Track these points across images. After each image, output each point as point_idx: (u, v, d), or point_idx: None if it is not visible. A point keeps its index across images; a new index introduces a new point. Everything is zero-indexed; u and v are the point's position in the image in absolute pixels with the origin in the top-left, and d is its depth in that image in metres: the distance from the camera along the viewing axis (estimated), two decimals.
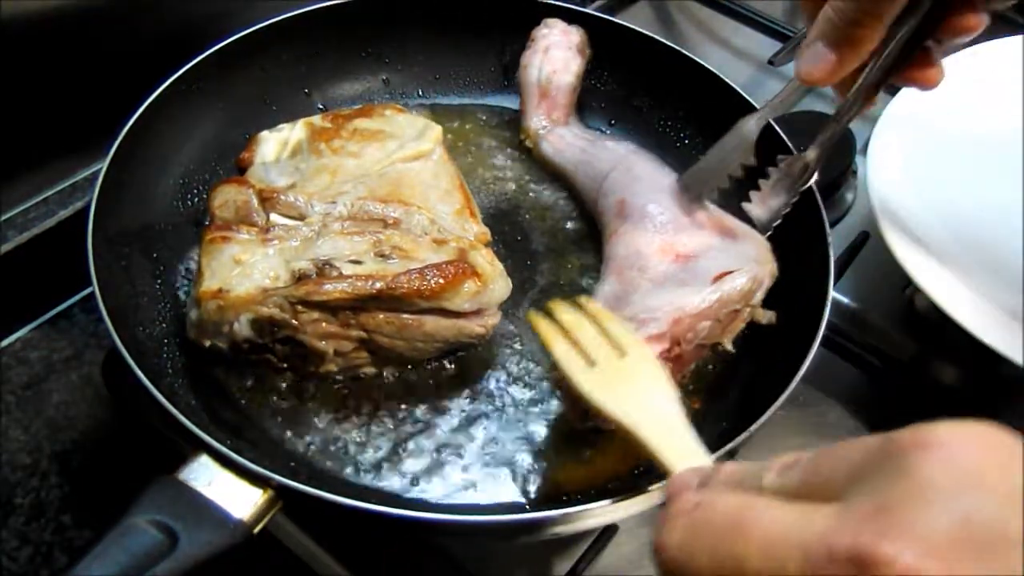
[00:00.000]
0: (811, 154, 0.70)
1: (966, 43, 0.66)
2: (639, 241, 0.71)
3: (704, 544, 0.36)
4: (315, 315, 0.64)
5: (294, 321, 0.63)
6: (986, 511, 0.31)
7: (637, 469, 0.64)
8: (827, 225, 0.71)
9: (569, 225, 0.80)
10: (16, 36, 0.73)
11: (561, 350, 0.58)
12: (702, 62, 0.83)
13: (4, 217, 0.79)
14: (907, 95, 0.88)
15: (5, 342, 0.79)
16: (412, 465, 0.64)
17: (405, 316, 0.65)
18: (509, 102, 0.90)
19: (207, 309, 0.63)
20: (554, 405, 0.67)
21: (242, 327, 0.63)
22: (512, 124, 0.88)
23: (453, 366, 0.69)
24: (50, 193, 0.82)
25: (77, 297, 0.82)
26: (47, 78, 0.77)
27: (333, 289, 0.63)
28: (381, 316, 0.65)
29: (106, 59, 0.81)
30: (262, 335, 0.64)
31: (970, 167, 0.86)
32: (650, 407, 0.54)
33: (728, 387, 0.69)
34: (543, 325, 0.59)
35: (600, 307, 0.62)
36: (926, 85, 0.66)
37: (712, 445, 0.57)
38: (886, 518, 0.31)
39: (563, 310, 0.61)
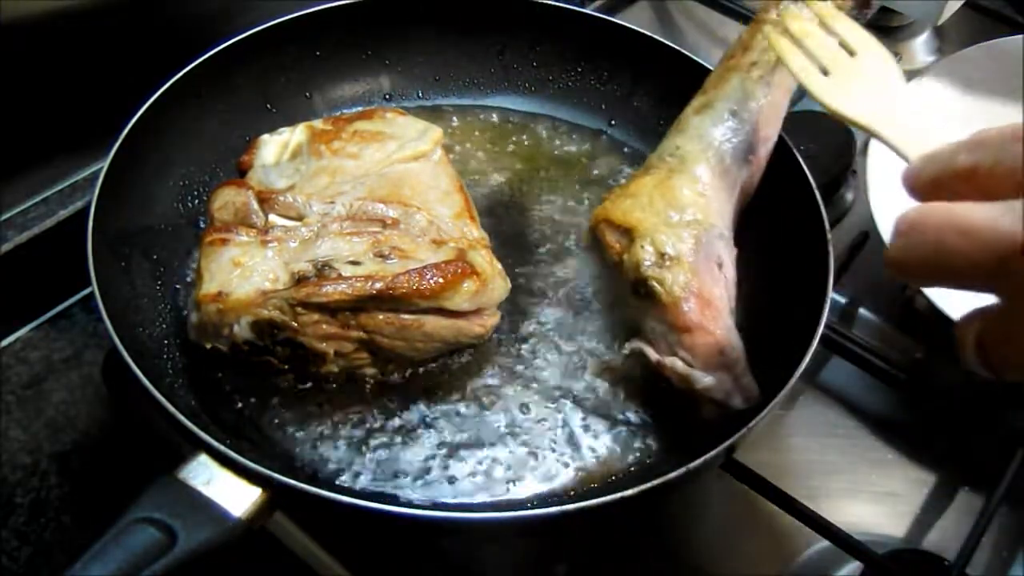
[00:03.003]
0: None
1: None
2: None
3: (918, 255, 0.42)
4: (315, 317, 0.64)
5: (294, 323, 0.63)
6: None
7: (635, 468, 0.64)
8: (827, 225, 0.70)
9: (568, 226, 0.80)
10: (17, 36, 0.73)
11: (797, 64, 0.61)
12: (702, 62, 0.83)
13: (4, 217, 0.79)
14: None
15: (5, 342, 0.79)
16: (411, 464, 0.64)
17: (405, 316, 0.65)
18: (509, 103, 0.90)
19: (207, 312, 0.63)
20: (550, 405, 0.67)
21: (242, 329, 0.63)
22: (511, 125, 0.88)
23: (452, 366, 0.69)
24: (50, 193, 0.82)
25: (77, 297, 0.82)
26: (47, 78, 0.78)
27: (333, 291, 0.63)
28: (381, 317, 0.65)
29: (107, 59, 0.81)
30: (262, 337, 0.64)
31: None
32: (882, 106, 0.56)
33: None
34: (780, 42, 0.62)
35: (827, 6, 0.64)
36: None
37: (711, 443, 0.58)
38: None
39: (791, 17, 0.63)
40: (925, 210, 0.42)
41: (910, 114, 0.56)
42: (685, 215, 0.68)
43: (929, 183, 0.45)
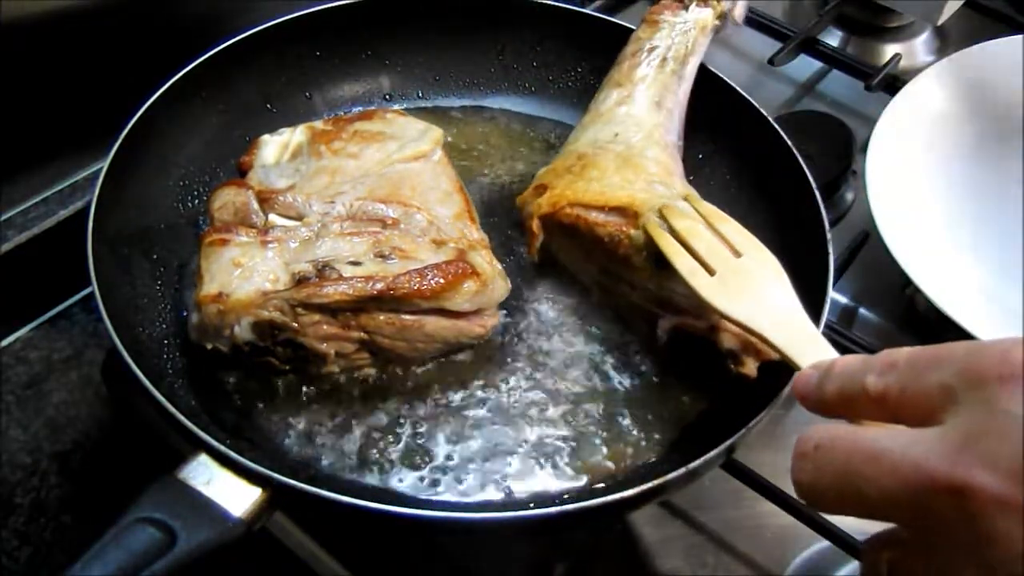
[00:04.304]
0: None
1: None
2: None
3: (828, 483, 0.41)
4: (316, 317, 0.64)
5: (294, 324, 0.63)
6: None
7: (635, 468, 0.64)
8: (827, 225, 0.71)
9: None
10: (17, 36, 0.73)
11: (684, 265, 0.60)
12: (702, 62, 0.83)
13: (4, 217, 0.79)
14: (907, 95, 0.88)
15: (5, 342, 0.79)
16: (411, 464, 0.64)
17: (405, 317, 0.65)
18: (510, 103, 0.90)
19: (207, 313, 0.63)
20: (550, 404, 0.67)
21: (243, 330, 0.63)
22: (511, 125, 0.88)
23: (453, 366, 0.69)
24: (50, 193, 0.82)
25: (77, 297, 0.82)
26: (48, 78, 0.78)
27: (333, 291, 0.63)
28: (381, 317, 0.65)
29: (107, 59, 0.81)
30: (263, 338, 0.64)
31: (969, 166, 0.86)
32: (769, 307, 0.57)
33: (727, 385, 0.69)
34: (664, 240, 0.62)
35: (712, 208, 0.64)
36: None
37: (711, 443, 0.58)
38: (973, 449, 0.35)
39: (678, 216, 0.63)
40: (831, 433, 0.41)
41: (797, 318, 0.56)
42: (671, 188, 0.69)
43: (832, 399, 0.44)
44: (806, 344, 0.53)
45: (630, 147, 0.73)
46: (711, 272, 0.59)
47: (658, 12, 0.82)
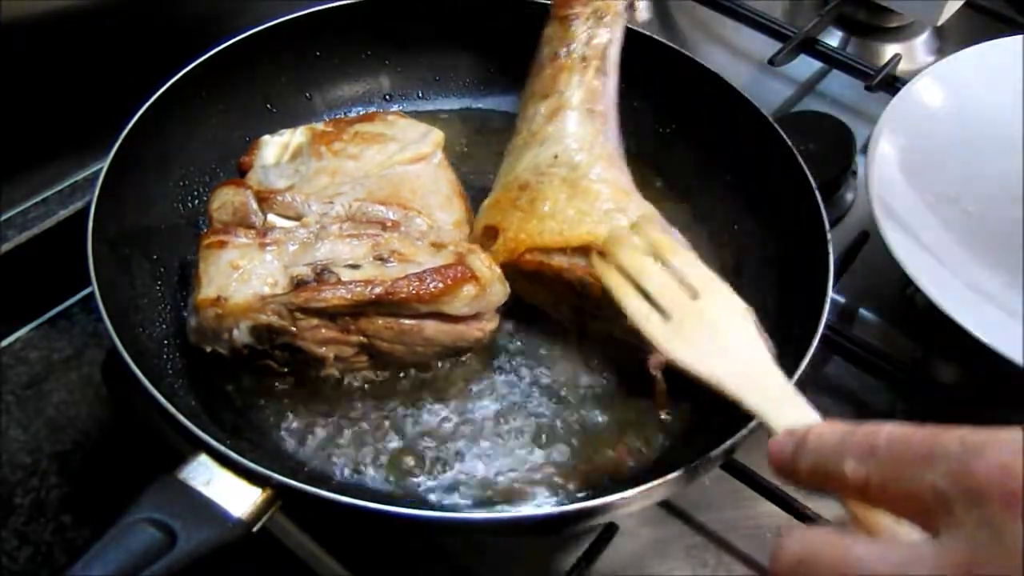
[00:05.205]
0: None
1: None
2: None
3: None
4: (314, 321, 0.64)
5: (293, 328, 0.63)
6: None
7: (635, 468, 0.64)
8: (827, 225, 0.71)
9: None
10: (17, 36, 0.73)
11: (635, 307, 0.54)
12: (702, 62, 0.83)
13: (4, 217, 0.79)
14: (907, 95, 0.88)
15: (5, 342, 0.79)
16: (411, 465, 0.64)
17: (404, 321, 0.65)
18: (509, 104, 0.89)
19: (206, 316, 0.63)
20: (549, 407, 0.68)
21: (241, 334, 0.63)
22: (511, 126, 0.88)
23: (452, 369, 0.69)
24: (50, 193, 0.82)
25: (77, 297, 0.82)
26: (48, 78, 0.78)
27: (332, 296, 0.62)
28: (380, 321, 0.64)
29: (107, 59, 0.81)
30: (261, 341, 0.64)
31: (970, 167, 0.86)
32: (734, 359, 0.51)
33: None
34: (613, 279, 0.56)
35: (665, 239, 0.58)
36: None
37: (711, 444, 0.58)
38: None
39: (624, 249, 0.57)
40: (813, 546, 0.37)
41: (766, 370, 0.50)
42: (628, 213, 0.65)
43: (807, 475, 0.41)
44: (780, 403, 0.47)
45: (574, 168, 0.69)
46: (665, 316, 0.54)
47: (564, 5, 0.77)
